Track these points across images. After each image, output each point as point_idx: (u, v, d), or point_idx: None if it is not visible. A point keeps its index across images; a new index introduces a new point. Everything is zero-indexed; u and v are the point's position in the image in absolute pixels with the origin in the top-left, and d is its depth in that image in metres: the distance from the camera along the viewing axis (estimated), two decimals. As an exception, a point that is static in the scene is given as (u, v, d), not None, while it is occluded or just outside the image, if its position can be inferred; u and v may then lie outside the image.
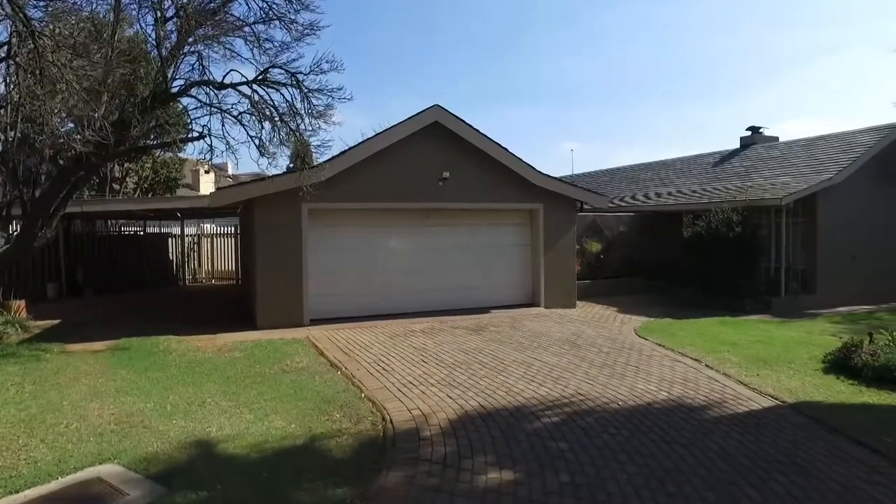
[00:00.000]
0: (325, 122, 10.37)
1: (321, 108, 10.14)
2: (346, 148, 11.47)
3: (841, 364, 7.77)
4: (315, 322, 11.20)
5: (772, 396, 6.47)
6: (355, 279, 12.02)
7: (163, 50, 8.79)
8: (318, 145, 10.36)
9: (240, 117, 9.38)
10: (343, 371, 7.58)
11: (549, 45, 58.30)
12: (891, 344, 8.15)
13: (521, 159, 12.81)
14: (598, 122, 66.77)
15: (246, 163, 74.06)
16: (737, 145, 19.78)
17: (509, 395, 6.50)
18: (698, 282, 14.27)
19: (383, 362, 8.08)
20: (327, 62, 9.69)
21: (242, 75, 9.46)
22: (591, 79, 62.09)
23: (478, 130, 12.36)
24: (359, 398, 6.39)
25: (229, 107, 9.25)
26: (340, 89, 10.05)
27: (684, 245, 14.40)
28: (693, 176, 18.99)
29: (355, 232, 12.14)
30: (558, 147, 72.51)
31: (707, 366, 7.86)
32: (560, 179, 13.33)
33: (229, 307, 14.04)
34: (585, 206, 14.17)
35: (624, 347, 9.04)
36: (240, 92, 9.40)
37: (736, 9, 49.53)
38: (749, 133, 19.50)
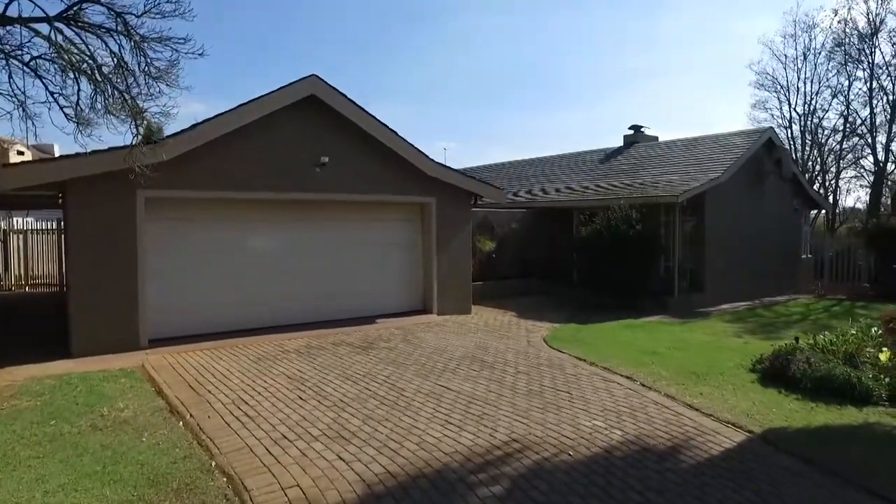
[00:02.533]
0: (168, 83, 7.97)
1: (162, 65, 7.73)
2: (198, 122, 9.08)
3: (776, 374, 7.07)
4: (157, 343, 8.69)
5: (734, 425, 5.42)
6: (211, 286, 9.63)
7: None
8: (158, 113, 7.94)
9: (33, 65, 6.74)
10: (188, 420, 5.42)
11: (414, 44, 57.26)
12: (818, 350, 7.65)
13: (412, 145, 11.16)
14: (470, 122, 67.01)
15: (58, 137, 64.41)
16: (604, 144, 19.92)
17: (423, 448, 4.80)
18: (596, 282, 13.60)
19: (247, 403, 6.00)
20: (169, 2, 7.32)
21: (40, 8, 6.81)
22: (458, 80, 61.99)
23: (362, 109, 10.51)
24: (207, 471, 4.33)
25: (15, 49, 6.57)
26: (188, 40, 7.69)
27: (581, 244, 13.65)
28: (581, 172, 18.57)
29: (212, 227, 9.73)
30: (431, 145, 71.85)
31: (643, 385, 6.76)
32: (455, 170, 11.89)
33: (38, 324, 10.87)
34: (479, 202, 12.89)
35: (542, 365, 7.74)
36: (33, 30, 6.74)
37: (593, 27, 52.03)
38: (632, 132, 19.54)
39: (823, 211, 23.71)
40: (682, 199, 12.90)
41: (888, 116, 21.98)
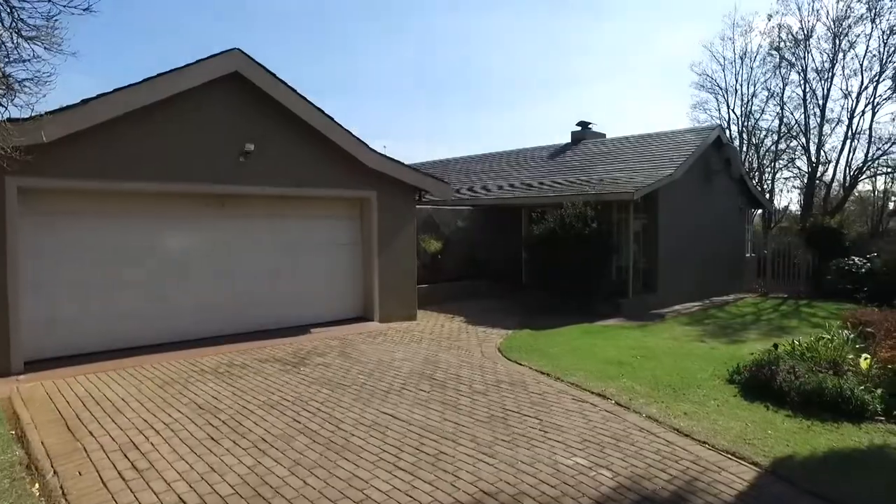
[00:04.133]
0: (46, 46, 6.49)
1: (37, 23, 6.25)
2: (90, 97, 7.57)
3: (760, 386, 6.39)
4: (35, 365, 7.15)
5: (735, 455, 4.61)
6: (112, 294, 8.13)
7: None
8: (26, 80, 6.47)
9: None
10: (48, 481, 4.08)
11: (347, 40, 55.50)
12: (797, 358, 7.04)
13: (351, 133, 9.98)
14: (408, 121, 65.38)
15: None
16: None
17: (368, 507, 3.71)
18: (547, 283, 12.83)
19: (139, 447, 4.70)
20: (39, -59, 5.86)
21: None
22: (392, 77, 60.34)
23: (294, 90, 9.24)
24: (60, 564, 3.07)
25: None
26: (70, -8, 6.24)
27: (533, 243, 12.83)
28: (529, 169, 17.85)
29: (111, 225, 8.22)
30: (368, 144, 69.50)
31: (620, 405, 5.90)
32: (399, 162, 10.78)
33: None
34: (424, 199, 11.84)
35: (502, 381, 6.77)
36: None
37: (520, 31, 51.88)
38: (579, 128, 19.02)
39: (759, 211, 24.12)
40: (638, 196, 12.32)
41: (819, 120, 22.55)
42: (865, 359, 6.78)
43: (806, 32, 22.34)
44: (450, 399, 6.02)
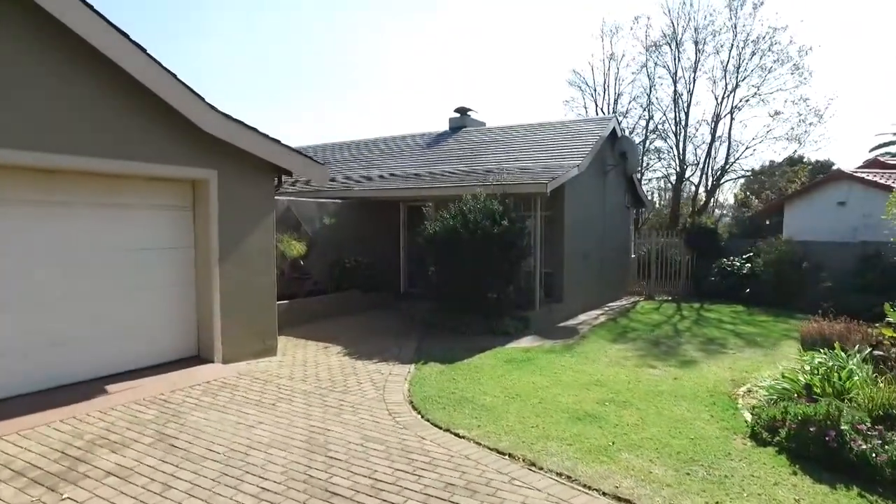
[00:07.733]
0: None
1: None
2: None
3: (820, 455, 4.39)
4: None
5: None
6: None
7: None
8: None
9: None
10: None
11: (187, 27, 48.43)
12: (829, 395, 5.20)
13: (177, 77, 6.49)
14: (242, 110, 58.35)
15: None
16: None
17: None
18: (442, 293, 10.27)
19: None
20: None
21: None
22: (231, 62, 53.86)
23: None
24: None
25: None
26: None
27: (428, 244, 10.15)
28: (405, 159, 15.14)
29: None
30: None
31: (673, 527, 3.47)
32: (252, 128, 7.44)
33: None
34: (284, 185, 8.60)
35: (453, 485, 3.96)
36: None
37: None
38: (458, 115, 16.78)
39: (633, 210, 23.94)
40: (550, 188, 10.25)
41: (685, 122, 22.88)
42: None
43: (677, 37, 22.50)
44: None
